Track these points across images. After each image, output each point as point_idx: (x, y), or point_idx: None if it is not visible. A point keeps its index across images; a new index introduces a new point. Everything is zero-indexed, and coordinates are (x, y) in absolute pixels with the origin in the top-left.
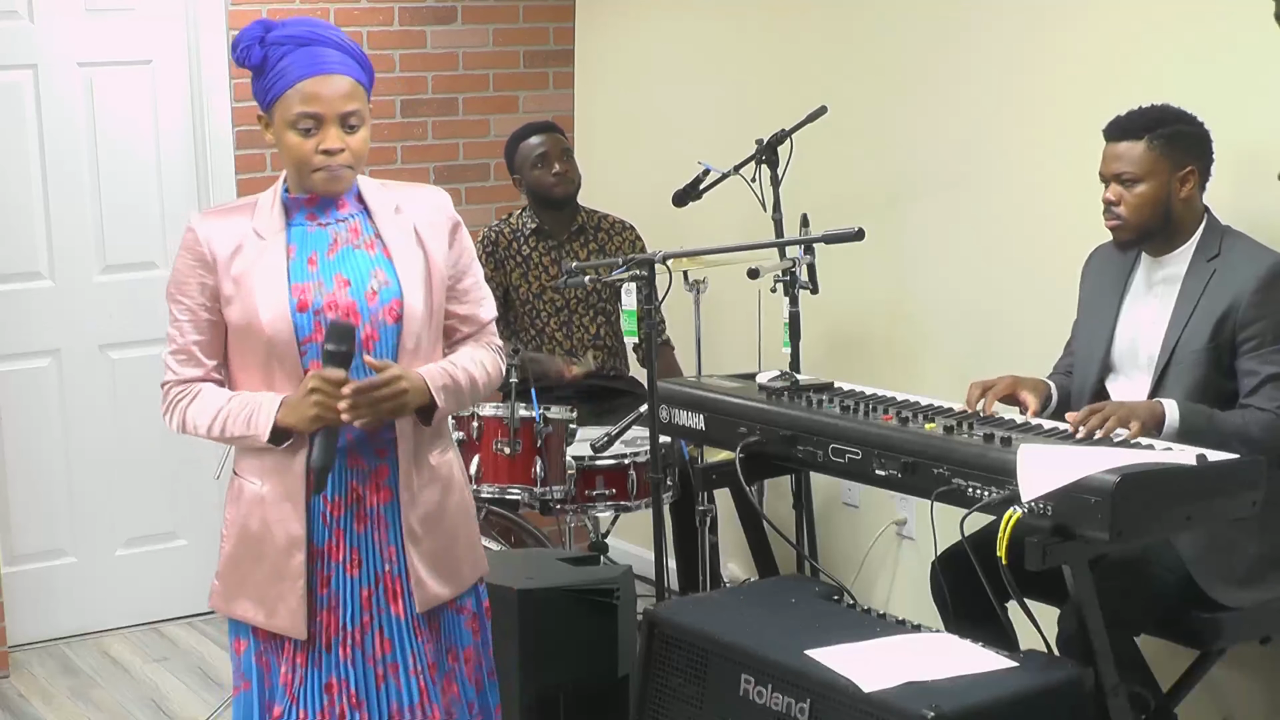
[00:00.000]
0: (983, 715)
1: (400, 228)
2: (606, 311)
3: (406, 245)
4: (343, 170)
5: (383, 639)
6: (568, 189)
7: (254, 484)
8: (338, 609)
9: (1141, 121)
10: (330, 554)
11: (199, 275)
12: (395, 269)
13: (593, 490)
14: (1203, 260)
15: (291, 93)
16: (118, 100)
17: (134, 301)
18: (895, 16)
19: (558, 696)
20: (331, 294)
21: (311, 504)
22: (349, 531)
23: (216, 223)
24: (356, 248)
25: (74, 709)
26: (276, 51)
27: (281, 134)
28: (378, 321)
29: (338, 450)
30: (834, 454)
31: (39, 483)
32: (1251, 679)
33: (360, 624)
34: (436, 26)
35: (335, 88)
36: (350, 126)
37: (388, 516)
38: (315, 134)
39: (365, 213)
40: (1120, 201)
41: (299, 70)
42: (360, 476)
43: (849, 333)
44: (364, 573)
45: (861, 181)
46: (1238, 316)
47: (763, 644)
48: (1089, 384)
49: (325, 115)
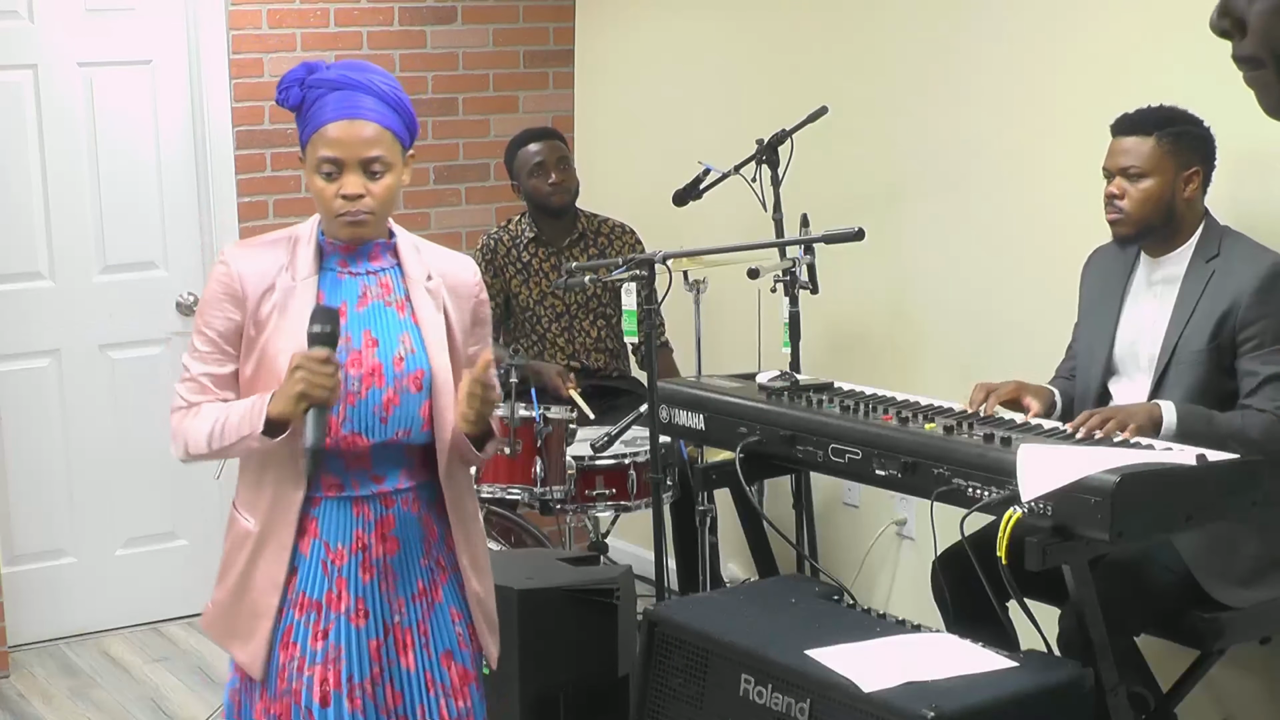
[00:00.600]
0: (983, 715)
1: (431, 296)
2: (607, 315)
3: (434, 318)
4: (363, 216)
5: (394, 691)
6: (564, 198)
7: (247, 521)
8: (339, 662)
9: (1152, 119)
10: (330, 605)
11: (226, 310)
12: (423, 340)
13: (593, 490)
14: (1202, 261)
15: (317, 136)
16: (118, 100)
17: (134, 301)
18: (895, 17)
19: (558, 696)
20: (358, 351)
21: (312, 551)
22: (353, 580)
23: (251, 259)
24: (388, 305)
25: (74, 709)
26: (313, 94)
27: (310, 177)
28: (401, 388)
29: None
30: (834, 454)
31: (39, 483)
32: (1251, 679)
33: (370, 675)
34: (436, 26)
35: (358, 133)
36: (373, 173)
37: (396, 568)
38: (337, 179)
39: (399, 269)
40: (1124, 195)
41: (328, 114)
42: (365, 525)
43: (849, 333)
44: (371, 623)
45: (861, 181)
46: (1237, 317)
47: (763, 644)
48: (1092, 386)
49: (345, 160)
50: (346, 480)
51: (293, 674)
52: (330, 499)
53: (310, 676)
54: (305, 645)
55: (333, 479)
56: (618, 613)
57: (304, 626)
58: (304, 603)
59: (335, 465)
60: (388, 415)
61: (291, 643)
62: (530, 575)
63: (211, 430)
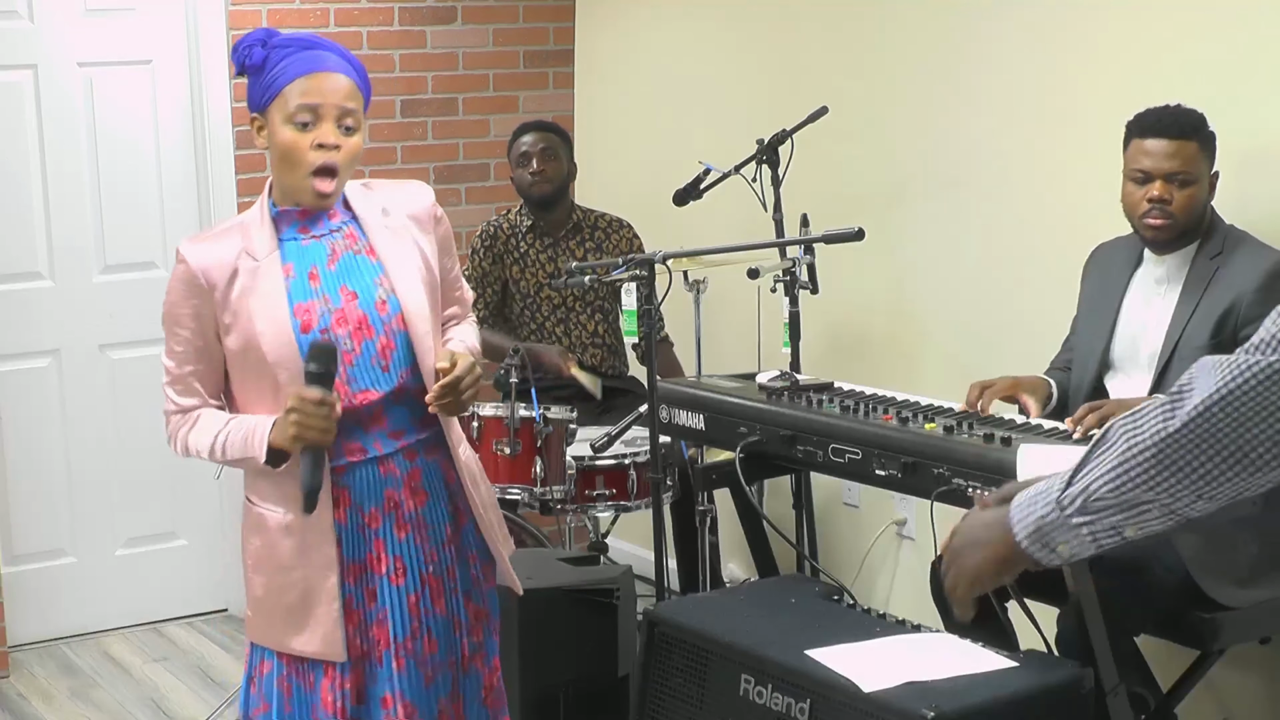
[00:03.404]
0: (983, 715)
1: (391, 231)
2: (605, 310)
3: (400, 250)
4: (334, 164)
5: (431, 639)
6: (543, 189)
7: (276, 511)
8: (386, 622)
9: (1188, 121)
10: (373, 567)
11: (193, 304)
12: (392, 278)
13: (593, 490)
14: (1206, 259)
15: (291, 88)
16: (118, 100)
17: (134, 301)
18: (896, 17)
19: (558, 696)
20: (340, 309)
21: (349, 519)
22: (389, 540)
23: (207, 249)
24: (357, 253)
25: (74, 709)
26: (278, 54)
27: (276, 132)
28: (391, 331)
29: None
30: (834, 454)
31: (39, 483)
32: (1251, 679)
33: (410, 631)
34: (436, 26)
35: (336, 84)
36: (347, 128)
37: (427, 519)
38: (312, 129)
39: (355, 220)
40: (1172, 200)
41: (301, 67)
42: (395, 483)
43: (849, 333)
44: (410, 579)
45: (861, 181)
46: (1239, 315)
47: (763, 644)
48: (1086, 381)
49: (324, 108)
50: (368, 443)
51: (362, 639)
52: (356, 464)
53: (373, 636)
54: (364, 609)
55: (355, 444)
56: (618, 613)
57: (360, 593)
58: (354, 570)
59: (354, 431)
60: (387, 363)
61: (354, 610)
62: (530, 575)
63: (213, 447)
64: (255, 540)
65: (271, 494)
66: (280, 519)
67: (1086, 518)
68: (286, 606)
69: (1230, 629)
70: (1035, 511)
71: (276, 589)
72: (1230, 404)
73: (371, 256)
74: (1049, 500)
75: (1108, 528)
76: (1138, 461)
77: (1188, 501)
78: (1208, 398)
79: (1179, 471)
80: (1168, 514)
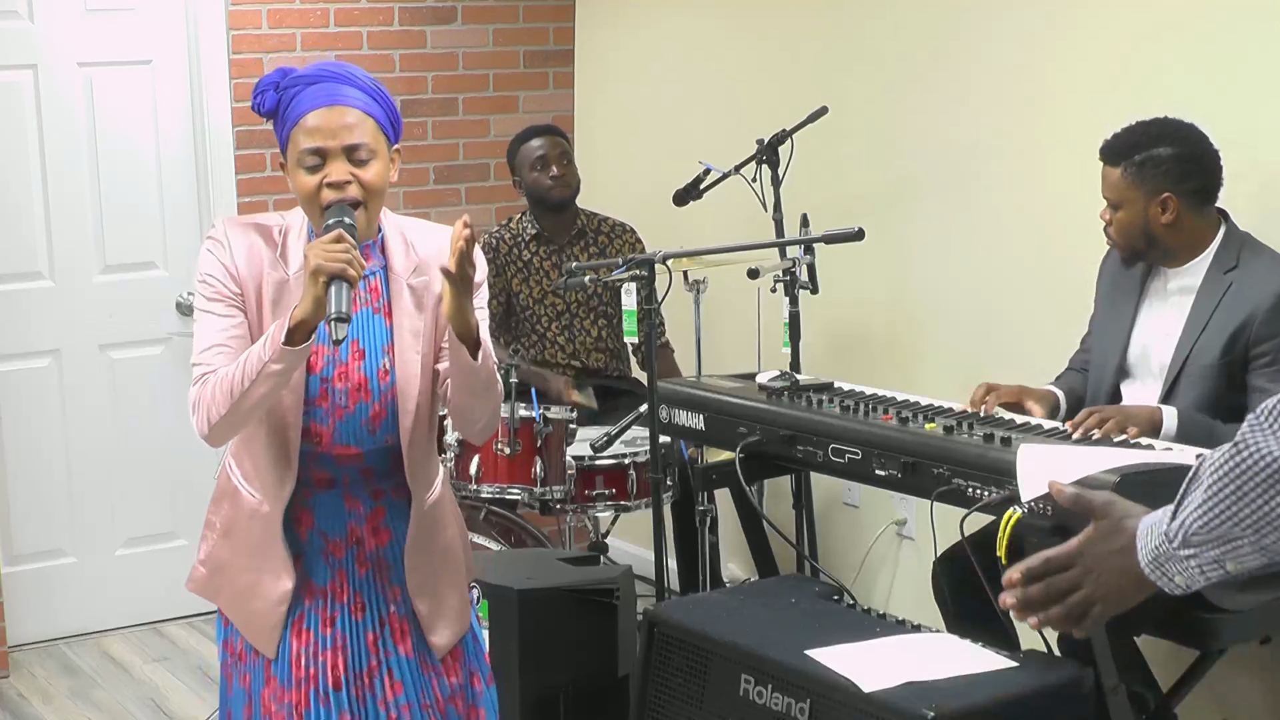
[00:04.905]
0: (983, 715)
1: (414, 294)
2: (608, 315)
3: (412, 323)
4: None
5: (393, 681)
6: (564, 193)
7: (254, 496)
8: (344, 650)
9: (1122, 145)
10: (335, 595)
11: (227, 281)
12: (396, 350)
13: (593, 490)
14: (1219, 272)
15: (297, 131)
16: (118, 100)
17: (134, 301)
18: (896, 17)
19: (558, 696)
20: (345, 365)
21: (310, 540)
22: (351, 574)
23: (243, 243)
24: (375, 311)
25: (74, 709)
26: (290, 93)
27: (294, 175)
28: (386, 400)
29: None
30: (834, 454)
31: (39, 483)
32: (1251, 679)
33: (368, 668)
34: (436, 26)
35: (339, 118)
36: (359, 160)
37: (388, 558)
38: (321, 169)
39: (385, 271)
40: (1111, 223)
41: (306, 105)
42: (358, 519)
43: (849, 333)
44: (369, 616)
45: (861, 181)
46: (1252, 333)
47: (763, 644)
48: (1104, 387)
49: (328, 149)
50: (338, 475)
51: (308, 660)
52: (322, 492)
53: (324, 662)
54: (317, 631)
55: (324, 473)
56: (618, 613)
57: (314, 613)
58: (313, 589)
59: (326, 461)
60: (376, 427)
61: (305, 629)
62: (530, 575)
63: (234, 375)
64: (225, 506)
65: (252, 474)
66: (254, 504)
67: (1190, 550)
68: (237, 589)
69: (1230, 629)
70: (1152, 541)
71: (237, 567)
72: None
73: (387, 320)
74: (1160, 531)
75: (1209, 561)
76: (1219, 498)
77: (1275, 539)
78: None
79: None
80: (1259, 550)
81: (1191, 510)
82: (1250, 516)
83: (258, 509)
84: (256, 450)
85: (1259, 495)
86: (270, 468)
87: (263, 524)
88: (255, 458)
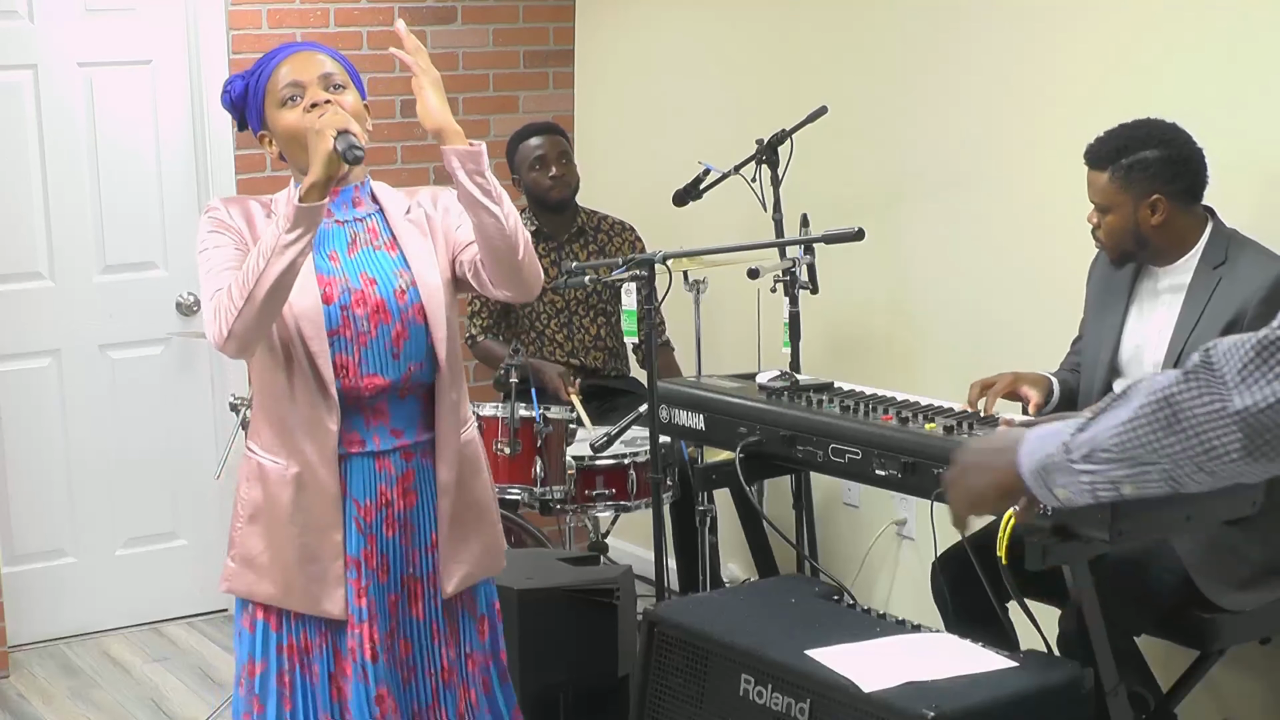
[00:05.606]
0: (983, 715)
1: (415, 225)
2: (607, 313)
3: (423, 245)
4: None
5: (404, 642)
6: (563, 192)
7: (278, 463)
8: (376, 619)
9: (1107, 150)
10: (366, 562)
11: (230, 225)
12: (414, 271)
13: (593, 490)
14: (1209, 268)
15: (273, 80)
16: (118, 100)
17: (134, 301)
18: (895, 16)
19: (558, 696)
20: (360, 290)
21: (345, 508)
22: (379, 537)
23: (239, 206)
24: (377, 249)
25: (74, 709)
26: (256, 75)
27: (276, 122)
28: (408, 319)
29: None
30: (834, 454)
31: (39, 483)
32: (1251, 679)
33: (389, 629)
34: (436, 26)
35: (312, 58)
36: (335, 86)
37: (414, 521)
38: (301, 99)
39: (381, 213)
40: (1099, 226)
41: (276, 59)
42: (389, 481)
43: (849, 333)
44: (391, 579)
45: (861, 181)
46: (1244, 325)
47: (763, 644)
48: (1096, 387)
49: (304, 80)
50: (368, 436)
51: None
52: (354, 455)
53: (360, 633)
54: (352, 603)
55: (354, 435)
56: (618, 613)
57: (350, 585)
58: (348, 560)
59: (356, 421)
60: (399, 350)
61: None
62: (530, 575)
63: (248, 265)
64: (254, 491)
65: (273, 443)
66: (281, 471)
67: (1089, 466)
68: (283, 563)
69: (1230, 629)
70: (1044, 448)
71: (276, 544)
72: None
73: (392, 251)
74: (1059, 440)
75: (1107, 481)
76: (1147, 420)
77: (1189, 471)
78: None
79: (1186, 440)
80: (1167, 479)
81: (1108, 426)
82: (1174, 446)
83: (284, 474)
84: (282, 406)
85: (1194, 429)
86: (307, 411)
87: (293, 486)
88: (280, 416)
